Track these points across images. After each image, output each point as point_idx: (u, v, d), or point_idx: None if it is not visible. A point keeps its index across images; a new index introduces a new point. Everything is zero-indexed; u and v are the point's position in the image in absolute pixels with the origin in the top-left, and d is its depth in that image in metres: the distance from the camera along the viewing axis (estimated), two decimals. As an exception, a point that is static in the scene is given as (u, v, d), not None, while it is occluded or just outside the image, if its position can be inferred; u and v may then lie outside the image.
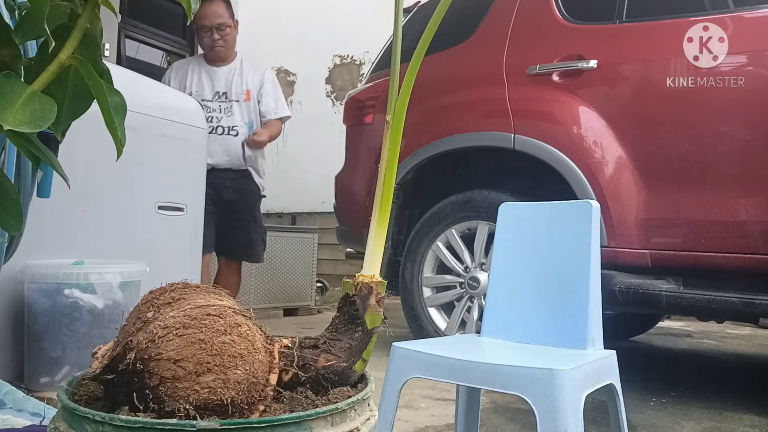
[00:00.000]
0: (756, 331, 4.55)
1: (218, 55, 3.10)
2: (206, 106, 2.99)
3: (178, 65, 3.20)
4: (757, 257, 2.16)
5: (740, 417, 2.20)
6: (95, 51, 0.67)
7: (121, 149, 0.67)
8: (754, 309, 2.14)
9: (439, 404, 2.26)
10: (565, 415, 1.06)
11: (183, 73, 3.12)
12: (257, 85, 3.12)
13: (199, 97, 2.99)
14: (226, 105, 3.06)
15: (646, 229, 2.37)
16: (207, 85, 3.07)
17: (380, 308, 0.65)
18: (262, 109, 3.13)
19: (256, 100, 3.11)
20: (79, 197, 1.99)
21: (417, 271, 2.98)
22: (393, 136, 0.68)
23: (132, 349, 0.55)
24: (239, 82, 3.09)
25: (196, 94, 3.01)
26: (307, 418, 0.54)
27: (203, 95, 3.05)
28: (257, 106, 3.12)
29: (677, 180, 2.32)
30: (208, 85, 3.08)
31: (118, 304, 1.92)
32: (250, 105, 3.10)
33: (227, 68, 3.12)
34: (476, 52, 2.95)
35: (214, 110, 3.04)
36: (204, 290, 0.61)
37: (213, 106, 3.05)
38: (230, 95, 3.07)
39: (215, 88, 3.07)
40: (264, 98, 3.13)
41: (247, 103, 3.09)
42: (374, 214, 0.68)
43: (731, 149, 2.24)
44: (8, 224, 0.68)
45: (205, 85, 3.07)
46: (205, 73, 3.10)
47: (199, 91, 3.05)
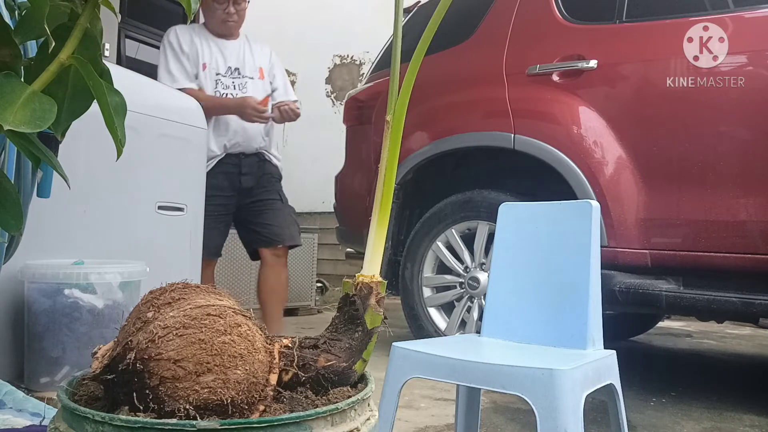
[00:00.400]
0: (756, 331, 4.55)
1: (229, 29, 2.82)
2: (220, 80, 2.76)
3: (181, 30, 2.83)
4: (757, 257, 2.16)
5: (740, 417, 2.20)
6: (95, 51, 0.67)
7: (121, 149, 0.67)
8: (754, 309, 2.14)
9: (439, 404, 2.26)
10: (565, 415, 1.06)
11: (190, 40, 2.78)
12: (267, 64, 2.90)
13: (213, 70, 2.76)
14: (240, 81, 2.80)
15: (646, 229, 2.37)
16: (219, 58, 2.79)
17: (380, 308, 0.65)
18: (275, 91, 2.89)
19: (268, 80, 2.89)
20: (79, 197, 1.99)
21: (417, 271, 2.98)
22: (393, 136, 0.68)
23: (132, 349, 0.55)
24: (251, 59, 2.84)
25: (210, 67, 2.75)
26: (307, 418, 0.54)
27: (217, 69, 2.77)
28: (268, 85, 2.89)
29: (677, 180, 2.32)
30: (221, 59, 2.79)
31: (118, 304, 1.92)
32: (265, 84, 2.86)
33: (236, 43, 2.86)
34: (476, 52, 2.95)
35: (228, 86, 2.77)
36: (204, 290, 0.61)
37: (227, 82, 2.78)
38: (243, 71, 2.81)
39: (227, 63, 2.80)
40: (276, 80, 2.91)
41: (262, 81, 2.85)
42: (374, 214, 0.68)
43: (731, 149, 2.24)
44: (8, 224, 0.68)
45: (217, 58, 2.79)
46: (215, 46, 2.80)
47: (213, 63, 2.77)
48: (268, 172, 2.85)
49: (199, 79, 2.74)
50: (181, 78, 2.72)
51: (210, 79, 2.74)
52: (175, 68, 2.73)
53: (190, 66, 2.74)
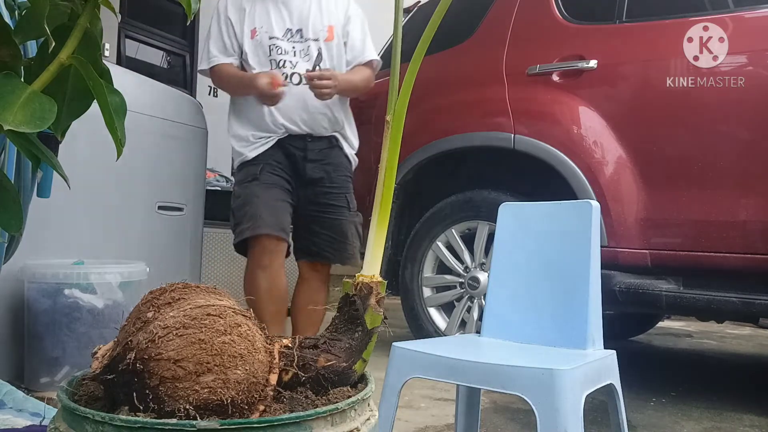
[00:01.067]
0: (756, 331, 4.55)
1: None
2: (276, 46, 2.23)
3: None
4: (757, 257, 2.16)
5: (740, 417, 2.20)
6: (95, 51, 0.67)
7: (121, 149, 0.67)
8: (754, 309, 2.14)
9: (439, 404, 2.26)
10: (565, 415, 1.06)
11: (239, 2, 2.29)
12: (341, 19, 2.32)
13: (267, 34, 2.24)
14: (301, 45, 2.25)
15: (646, 229, 2.37)
16: (276, 19, 2.25)
17: (380, 308, 0.65)
18: (348, 51, 2.33)
19: (341, 40, 2.31)
20: (79, 197, 1.99)
21: (417, 271, 2.98)
22: (393, 136, 0.68)
23: (132, 349, 0.55)
24: (318, 16, 2.28)
25: (261, 30, 2.24)
26: (307, 418, 0.54)
27: (271, 32, 2.24)
28: (343, 47, 2.31)
29: (677, 180, 2.32)
30: (277, 19, 2.25)
31: (118, 304, 1.92)
32: (333, 46, 2.28)
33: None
34: (476, 52, 2.95)
35: (286, 52, 2.23)
36: (204, 290, 0.61)
37: (285, 47, 2.23)
38: (306, 32, 2.25)
39: (286, 24, 2.25)
40: (351, 37, 2.33)
41: (329, 43, 2.27)
42: (374, 214, 0.68)
43: (731, 149, 2.24)
44: (8, 224, 0.68)
45: (273, 19, 2.25)
46: (272, 3, 2.26)
47: (266, 26, 2.24)
48: (339, 163, 2.31)
49: (246, 48, 2.26)
50: (218, 53, 2.27)
51: (262, 46, 2.24)
52: (214, 42, 2.29)
53: (231, 36, 2.27)
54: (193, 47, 6.10)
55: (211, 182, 4.12)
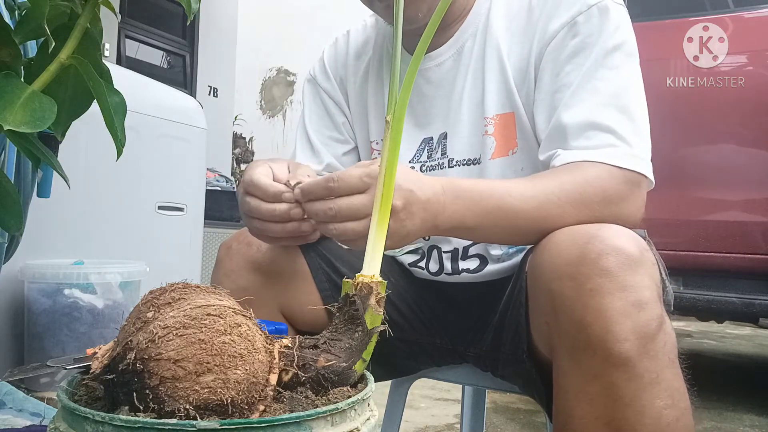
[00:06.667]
0: (756, 331, 4.55)
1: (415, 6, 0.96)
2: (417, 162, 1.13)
3: (334, 51, 1.28)
4: (757, 257, 2.16)
5: (740, 417, 2.20)
6: (95, 51, 0.67)
7: (121, 149, 0.67)
8: (754, 309, 2.14)
9: (439, 404, 2.26)
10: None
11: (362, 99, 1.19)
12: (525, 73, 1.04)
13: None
14: (442, 163, 1.09)
15: (646, 228, 2.37)
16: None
17: (380, 308, 0.65)
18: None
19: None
20: (79, 197, 1.99)
21: (417, 271, 2.98)
22: (393, 136, 0.68)
23: (132, 349, 0.55)
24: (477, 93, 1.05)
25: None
26: (307, 418, 0.54)
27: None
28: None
29: (677, 180, 2.32)
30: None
31: (118, 304, 1.92)
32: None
33: (445, 53, 1.06)
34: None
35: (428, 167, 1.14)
36: (204, 290, 0.61)
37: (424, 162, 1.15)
38: (452, 145, 1.08)
39: (424, 130, 1.10)
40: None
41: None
42: (374, 214, 0.68)
43: (731, 149, 2.24)
44: (8, 224, 0.68)
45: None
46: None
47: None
48: None
49: (350, 154, 1.21)
50: (300, 153, 1.20)
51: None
52: (300, 137, 1.23)
53: (331, 126, 1.22)
54: (193, 47, 6.10)
55: (211, 182, 4.11)
